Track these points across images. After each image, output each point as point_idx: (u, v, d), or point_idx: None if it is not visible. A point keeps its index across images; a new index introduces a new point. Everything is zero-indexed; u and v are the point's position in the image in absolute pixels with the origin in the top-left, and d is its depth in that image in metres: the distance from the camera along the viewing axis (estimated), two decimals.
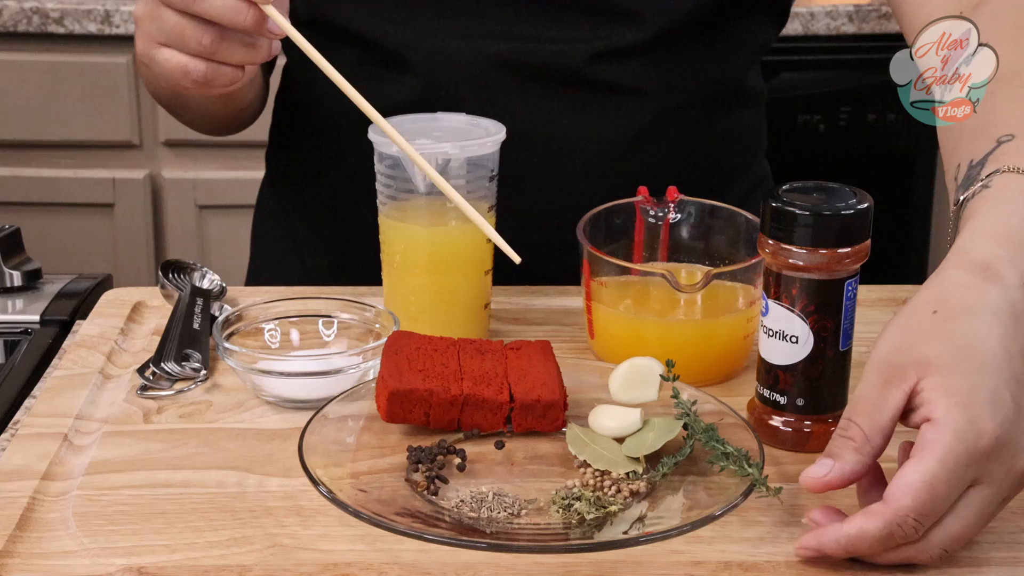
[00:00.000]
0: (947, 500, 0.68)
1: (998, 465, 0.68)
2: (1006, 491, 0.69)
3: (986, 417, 0.67)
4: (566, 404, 0.87)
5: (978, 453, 0.67)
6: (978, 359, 0.68)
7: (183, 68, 0.91)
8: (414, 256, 0.97)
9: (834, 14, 2.34)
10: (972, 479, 0.68)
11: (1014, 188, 0.75)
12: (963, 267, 0.72)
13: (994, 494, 0.69)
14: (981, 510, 0.69)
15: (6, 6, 2.25)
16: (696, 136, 1.14)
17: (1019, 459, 0.68)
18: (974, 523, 0.69)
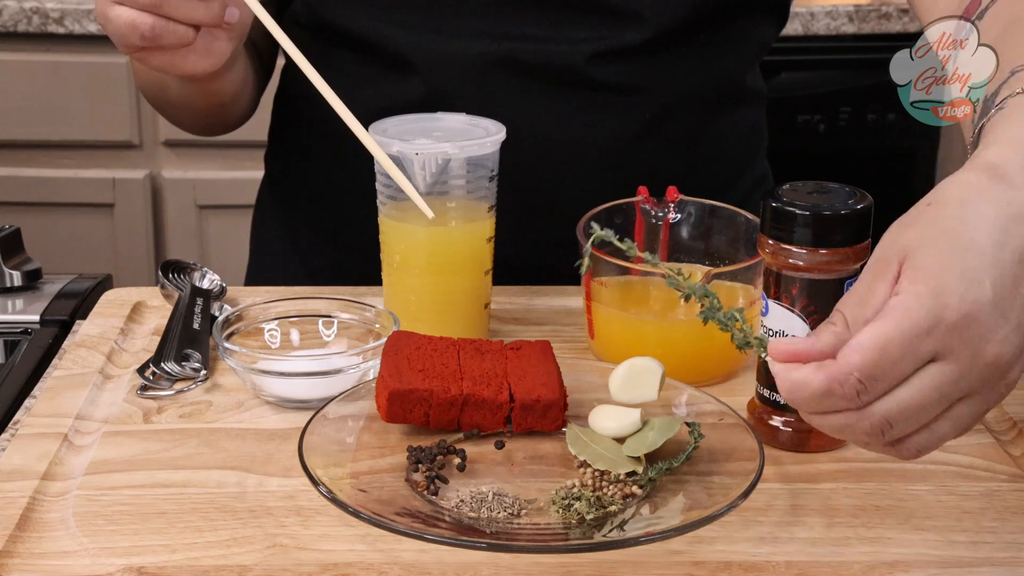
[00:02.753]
0: (898, 366, 0.64)
1: (963, 344, 0.63)
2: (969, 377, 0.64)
3: (954, 292, 0.63)
4: (566, 404, 0.87)
5: (941, 325, 0.63)
6: (960, 240, 0.65)
7: (131, 23, 0.92)
8: (414, 256, 0.97)
9: (834, 14, 2.34)
10: (932, 352, 0.64)
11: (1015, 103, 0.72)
12: (972, 168, 0.69)
13: (955, 374, 0.64)
14: (938, 386, 0.64)
15: (6, 6, 2.25)
16: (696, 136, 1.14)
17: (987, 345, 0.64)
18: (928, 399, 0.64)
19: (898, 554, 0.75)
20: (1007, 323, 0.64)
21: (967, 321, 0.63)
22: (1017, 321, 0.65)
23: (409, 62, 1.08)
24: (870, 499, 0.80)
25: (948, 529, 0.77)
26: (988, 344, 0.64)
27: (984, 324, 0.64)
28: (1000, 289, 0.64)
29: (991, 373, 0.65)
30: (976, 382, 0.65)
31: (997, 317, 0.64)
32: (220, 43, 0.96)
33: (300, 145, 1.19)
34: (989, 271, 0.64)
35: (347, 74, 1.11)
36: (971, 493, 0.81)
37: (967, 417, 0.66)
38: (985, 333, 0.64)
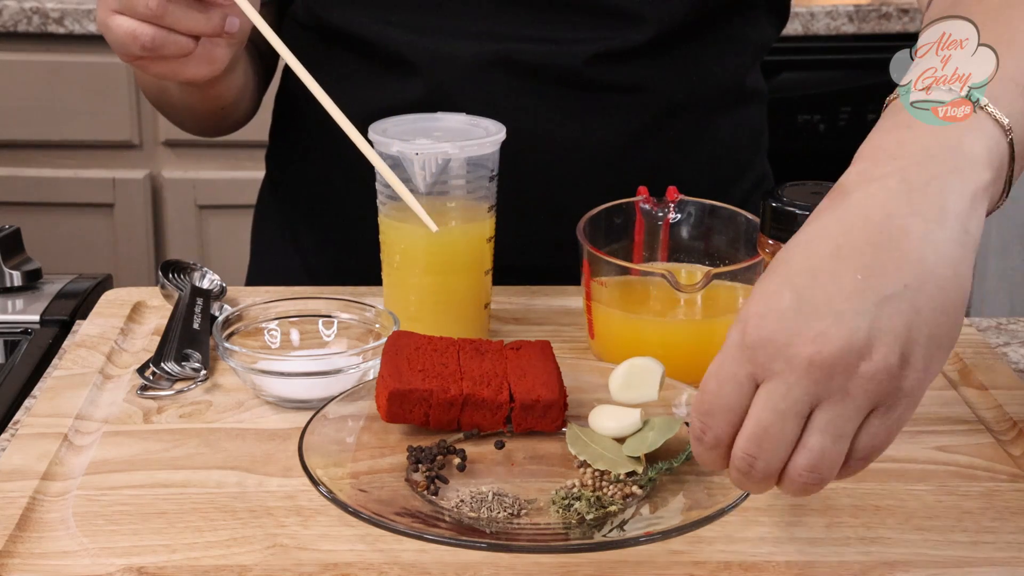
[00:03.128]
0: (722, 397, 0.65)
1: (771, 358, 0.64)
2: (800, 385, 0.63)
3: (752, 314, 0.64)
4: (566, 404, 0.87)
5: (744, 347, 0.64)
6: (773, 268, 0.66)
7: (132, 32, 0.92)
8: (414, 256, 0.97)
9: (834, 14, 2.34)
10: (750, 375, 0.64)
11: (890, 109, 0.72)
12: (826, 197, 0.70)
13: (781, 389, 0.64)
14: (768, 405, 0.64)
15: (6, 6, 2.25)
16: (696, 136, 1.14)
17: (799, 349, 0.63)
18: (770, 421, 0.64)
19: (898, 554, 0.75)
20: (820, 319, 0.63)
21: (765, 334, 0.64)
22: (839, 313, 0.63)
23: (409, 62, 1.08)
24: (870, 499, 0.80)
25: (948, 529, 0.77)
26: (797, 347, 0.63)
27: (785, 330, 0.64)
28: (807, 291, 0.64)
29: (821, 374, 0.63)
30: (812, 387, 0.64)
31: (804, 318, 0.63)
32: (220, 50, 0.96)
33: (301, 145, 1.19)
34: (794, 279, 0.65)
35: (347, 74, 1.11)
36: (971, 493, 0.81)
37: (840, 424, 0.64)
38: (790, 338, 0.63)
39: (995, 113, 0.70)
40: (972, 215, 0.66)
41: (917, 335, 0.63)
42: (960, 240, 0.65)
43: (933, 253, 0.64)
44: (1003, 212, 2.55)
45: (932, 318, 0.64)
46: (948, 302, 0.64)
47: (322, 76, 1.02)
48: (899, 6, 2.35)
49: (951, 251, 0.64)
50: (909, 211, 0.65)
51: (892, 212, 0.65)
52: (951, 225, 0.65)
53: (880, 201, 0.66)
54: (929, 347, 0.64)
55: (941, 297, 0.64)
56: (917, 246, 0.64)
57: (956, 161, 0.67)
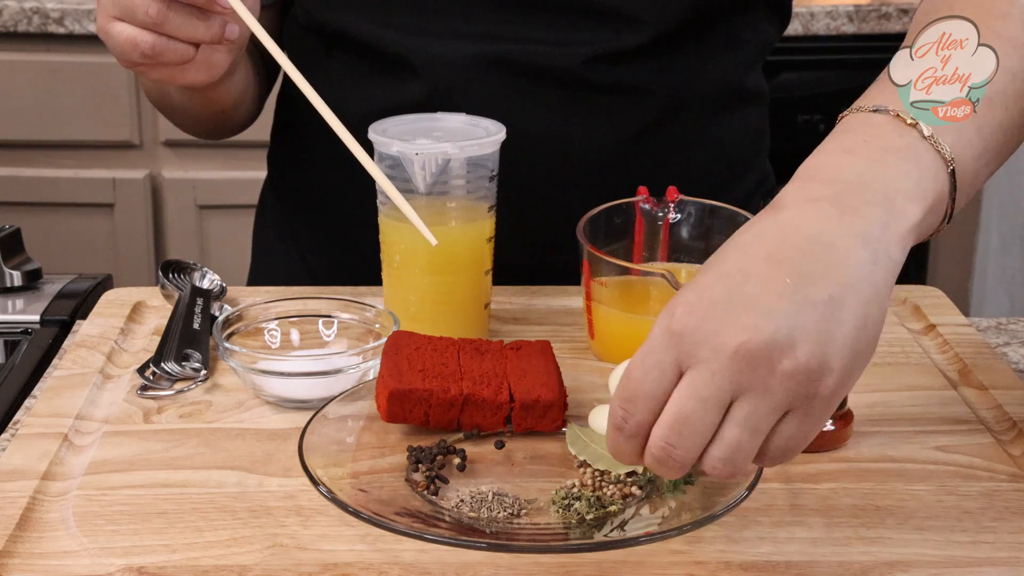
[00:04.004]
0: (646, 384, 0.66)
1: (697, 345, 0.65)
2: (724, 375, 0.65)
3: (681, 303, 0.66)
4: (566, 404, 0.87)
5: (670, 334, 0.65)
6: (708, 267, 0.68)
7: (132, 40, 0.92)
8: (414, 256, 0.97)
9: (834, 14, 2.35)
10: (675, 362, 0.66)
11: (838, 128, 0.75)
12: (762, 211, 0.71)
13: (705, 376, 0.65)
14: (691, 392, 0.65)
15: (6, 6, 2.25)
16: (696, 137, 1.14)
17: (726, 338, 0.64)
18: (692, 409, 0.65)
19: (898, 554, 0.75)
20: (750, 312, 0.65)
21: (694, 321, 0.65)
22: (769, 308, 0.65)
23: (408, 64, 1.08)
24: (870, 499, 0.80)
25: (948, 529, 0.77)
26: (725, 336, 0.65)
27: (714, 318, 0.65)
28: (739, 287, 0.66)
29: (746, 364, 0.65)
30: (735, 376, 0.65)
31: (733, 309, 0.65)
32: (219, 56, 0.97)
33: (302, 145, 1.19)
34: (727, 277, 0.67)
35: (347, 76, 1.11)
36: (971, 493, 0.81)
37: (757, 418, 0.66)
38: (718, 327, 0.65)
39: (939, 145, 0.71)
40: (895, 243, 0.69)
41: (839, 344, 0.66)
42: (882, 264, 0.68)
43: (856, 271, 0.67)
44: (1003, 212, 2.55)
45: (853, 331, 0.66)
46: (868, 317, 0.67)
47: (322, 78, 1.02)
48: (899, 6, 2.35)
49: (872, 272, 0.67)
50: (838, 231, 0.68)
51: (823, 229, 0.68)
52: (874, 248, 0.68)
53: (813, 218, 0.68)
54: (849, 357, 0.66)
55: (862, 312, 0.66)
56: (842, 262, 0.67)
57: (887, 193, 0.70)
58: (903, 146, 0.72)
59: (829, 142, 0.74)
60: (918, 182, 0.71)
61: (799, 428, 0.67)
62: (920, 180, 0.71)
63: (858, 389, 0.90)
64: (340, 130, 0.90)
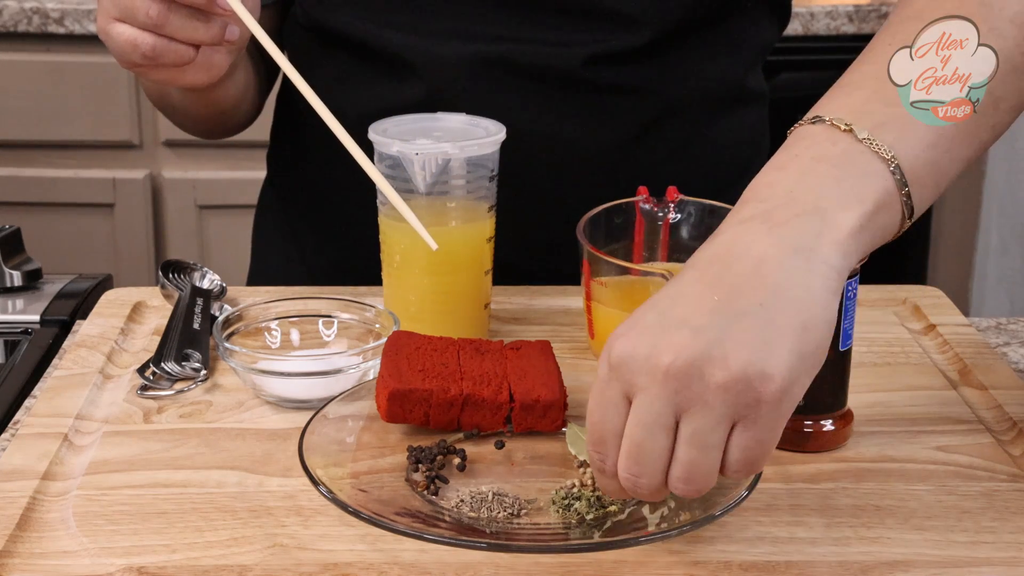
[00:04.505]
0: (607, 422, 0.68)
1: (634, 372, 0.66)
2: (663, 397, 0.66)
3: (616, 334, 0.67)
4: (566, 404, 0.87)
5: (612, 367, 0.67)
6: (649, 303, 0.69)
7: (132, 41, 0.93)
8: (414, 256, 0.97)
9: (834, 14, 2.35)
10: (621, 394, 0.67)
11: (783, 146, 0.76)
12: None
13: (645, 402, 0.66)
14: (637, 420, 0.67)
15: (6, 6, 2.25)
16: (696, 137, 1.14)
17: (658, 360, 0.65)
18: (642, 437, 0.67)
19: (898, 554, 0.75)
20: (678, 332, 0.66)
21: (628, 350, 0.66)
22: (695, 326, 0.66)
23: (407, 64, 1.08)
24: (870, 499, 0.80)
25: (948, 529, 0.77)
26: (657, 359, 0.66)
27: (645, 344, 0.66)
28: (674, 311, 0.67)
29: (679, 382, 0.65)
30: (672, 396, 0.66)
31: (663, 331, 0.66)
32: (219, 57, 0.97)
33: (301, 145, 1.19)
34: (659, 304, 0.68)
35: (347, 76, 1.11)
36: (971, 493, 0.81)
37: (703, 435, 0.66)
38: (649, 352, 0.66)
39: (876, 146, 0.72)
40: (832, 249, 0.69)
41: (777, 348, 0.66)
42: (819, 270, 0.68)
43: (787, 279, 0.67)
44: (1003, 212, 2.55)
45: (791, 334, 0.66)
46: (809, 320, 0.67)
47: (322, 78, 1.02)
48: None
49: (806, 278, 0.67)
50: (768, 244, 0.68)
51: (751, 245, 0.68)
52: (806, 256, 0.68)
53: (743, 238, 0.69)
54: (790, 361, 0.66)
55: (800, 315, 0.67)
56: (773, 272, 0.67)
57: (817, 203, 0.70)
58: (835, 154, 0.72)
59: (769, 162, 0.75)
60: (852, 187, 0.71)
61: (753, 437, 0.67)
62: (855, 185, 0.71)
63: (858, 389, 0.90)
64: (340, 132, 0.90)
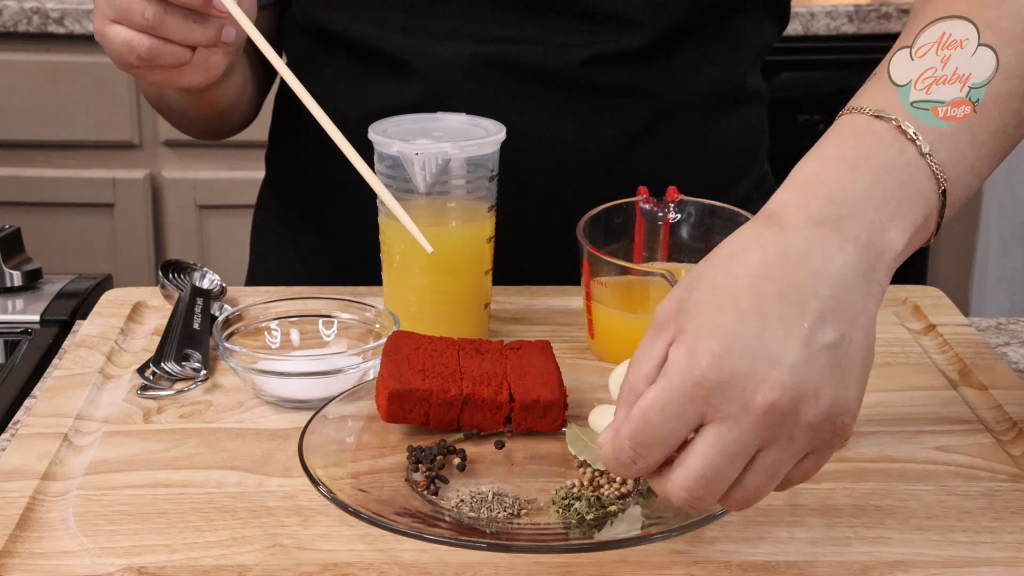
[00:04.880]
0: (663, 432, 0.65)
1: (726, 400, 0.64)
2: (752, 431, 0.65)
3: (706, 351, 0.64)
4: (566, 404, 0.87)
5: (696, 386, 0.64)
6: (720, 300, 0.66)
7: (128, 43, 0.93)
8: (414, 256, 0.97)
9: (834, 14, 2.35)
10: (698, 414, 0.65)
11: (836, 130, 0.73)
12: (754, 218, 0.70)
13: (734, 433, 0.65)
14: (722, 449, 0.65)
15: (6, 6, 2.25)
16: (695, 138, 1.14)
17: (754, 394, 0.64)
18: (716, 463, 0.65)
19: (898, 554, 0.75)
20: (776, 367, 0.64)
21: (724, 378, 0.64)
22: (793, 363, 0.65)
23: (406, 64, 1.08)
24: (870, 499, 0.80)
25: (948, 529, 0.77)
26: (755, 395, 0.64)
27: (745, 375, 0.64)
28: (765, 336, 0.65)
29: (774, 421, 0.65)
30: (763, 432, 0.65)
31: (761, 364, 0.64)
32: (215, 58, 0.97)
33: (300, 145, 1.19)
34: (748, 321, 0.65)
35: (346, 76, 1.11)
36: (971, 493, 0.81)
37: (778, 466, 0.67)
38: (747, 384, 0.64)
39: (934, 164, 0.72)
40: (885, 272, 0.69)
41: (852, 382, 0.66)
42: (875, 294, 0.68)
43: (858, 304, 0.67)
44: (1003, 212, 2.55)
45: (860, 365, 0.67)
46: (870, 348, 0.68)
47: (320, 78, 1.02)
48: (899, 6, 2.35)
49: (866, 303, 0.68)
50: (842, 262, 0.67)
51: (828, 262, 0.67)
52: (868, 279, 0.68)
53: (819, 249, 0.68)
54: (860, 390, 0.67)
55: (865, 344, 0.67)
56: (848, 296, 0.67)
57: (883, 220, 0.69)
58: (901, 165, 0.71)
59: (830, 146, 0.72)
60: (908, 207, 0.70)
61: (815, 463, 0.68)
62: (911, 204, 0.71)
63: None
64: (335, 134, 0.90)
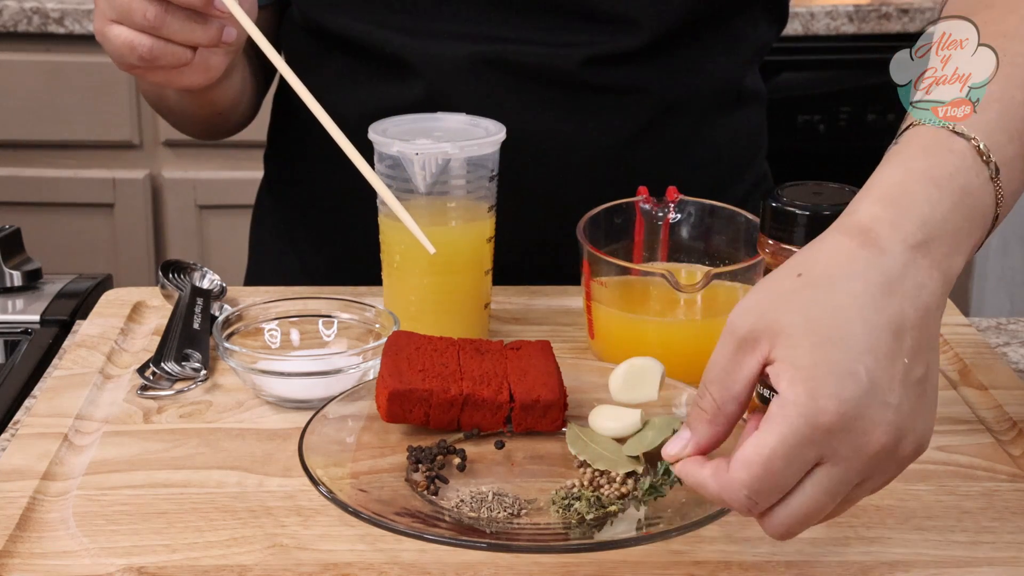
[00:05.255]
0: (784, 477, 0.64)
1: (844, 443, 0.63)
2: (858, 471, 0.65)
3: (829, 394, 0.63)
4: (566, 404, 0.87)
5: (820, 430, 0.63)
6: (831, 332, 0.64)
7: (129, 43, 0.93)
8: (414, 256, 0.97)
9: (834, 14, 2.34)
10: (817, 457, 0.64)
11: (917, 142, 0.71)
12: (842, 230, 0.68)
13: (843, 473, 0.64)
14: (829, 489, 0.64)
15: (6, 6, 2.25)
16: (695, 137, 1.14)
17: (870, 437, 0.63)
18: (821, 502, 0.65)
19: (898, 554, 0.75)
20: (887, 408, 0.64)
21: (844, 422, 0.63)
22: (898, 402, 0.64)
23: (406, 64, 1.08)
24: (870, 499, 0.80)
25: (948, 529, 0.77)
26: (871, 437, 0.64)
27: (864, 419, 0.64)
28: (877, 374, 0.64)
29: (882, 460, 0.65)
30: (865, 471, 0.65)
31: (877, 407, 0.64)
32: (216, 59, 0.97)
33: (299, 145, 1.19)
34: (863, 359, 0.64)
35: (345, 76, 1.11)
36: (971, 493, 0.81)
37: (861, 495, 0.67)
38: (867, 427, 0.64)
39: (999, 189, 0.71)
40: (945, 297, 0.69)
41: (933, 412, 0.67)
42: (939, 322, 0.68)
43: (936, 334, 0.67)
44: None
45: (936, 395, 0.67)
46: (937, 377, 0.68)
47: (320, 78, 1.02)
48: (899, 6, 2.35)
49: (937, 330, 0.68)
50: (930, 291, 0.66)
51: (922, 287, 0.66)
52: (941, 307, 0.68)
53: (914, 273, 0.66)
54: (934, 421, 0.67)
55: (937, 373, 0.67)
56: (932, 325, 0.67)
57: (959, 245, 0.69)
58: (977, 187, 0.70)
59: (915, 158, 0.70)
60: (976, 231, 0.70)
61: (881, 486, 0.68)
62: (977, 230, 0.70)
63: None
64: (339, 136, 0.90)
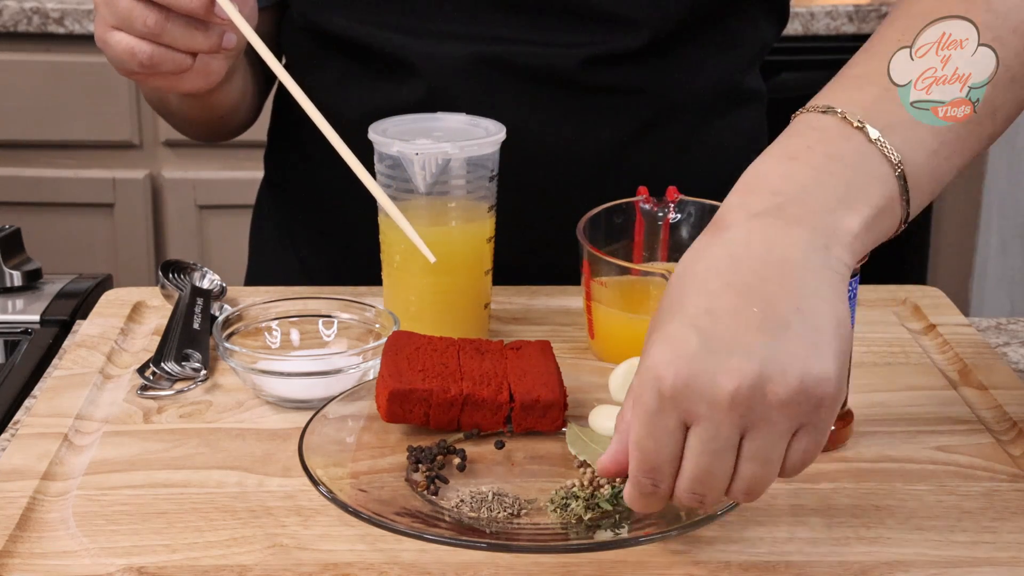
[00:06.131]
0: (661, 453, 0.67)
1: (695, 401, 0.65)
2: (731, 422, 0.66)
3: (662, 362, 0.66)
4: (566, 404, 0.87)
5: (665, 397, 0.66)
6: (669, 311, 0.68)
7: (130, 50, 0.93)
8: (414, 256, 0.97)
9: (834, 14, 2.35)
10: (678, 422, 0.66)
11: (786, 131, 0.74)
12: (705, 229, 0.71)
13: (714, 428, 0.66)
14: (704, 447, 0.66)
15: (6, 6, 2.25)
16: (694, 137, 1.14)
17: (718, 388, 0.65)
18: (707, 462, 0.67)
19: (898, 554, 0.75)
20: (731, 356, 0.65)
21: (686, 380, 0.65)
22: (747, 348, 0.65)
23: (406, 64, 1.08)
24: (870, 499, 0.80)
25: (948, 529, 0.77)
26: (716, 386, 0.65)
27: (706, 372, 0.65)
28: (717, 330, 0.66)
29: (743, 407, 0.66)
30: (737, 420, 0.66)
31: (715, 357, 0.65)
32: (216, 64, 0.97)
33: (299, 146, 1.19)
34: (698, 320, 0.66)
35: (345, 77, 1.11)
36: (971, 493, 0.81)
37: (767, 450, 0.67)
38: (707, 379, 0.65)
39: (886, 148, 0.72)
40: (844, 249, 0.69)
41: (824, 350, 0.66)
42: (836, 268, 0.68)
43: (813, 278, 0.67)
44: (1003, 212, 2.55)
45: (832, 332, 0.67)
46: (839, 316, 0.67)
47: (320, 79, 1.02)
48: None
49: (827, 276, 0.68)
50: (787, 244, 0.68)
51: (772, 245, 0.68)
52: (824, 255, 0.68)
53: (760, 236, 0.69)
54: (838, 358, 0.67)
55: (833, 313, 0.67)
56: (799, 273, 0.67)
57: (828, 202, 0.70)
58: (847, 152, 0.72)
59: (775, 146, 0.74)
60: (861, 189, 0.71)
61: (812, 440, 0.68)
62: (864, 187, 0.71)
63: (858, 389, 0.91)
64: (338, 143, 0.90)
